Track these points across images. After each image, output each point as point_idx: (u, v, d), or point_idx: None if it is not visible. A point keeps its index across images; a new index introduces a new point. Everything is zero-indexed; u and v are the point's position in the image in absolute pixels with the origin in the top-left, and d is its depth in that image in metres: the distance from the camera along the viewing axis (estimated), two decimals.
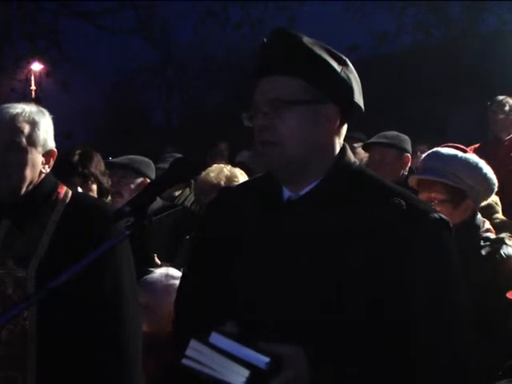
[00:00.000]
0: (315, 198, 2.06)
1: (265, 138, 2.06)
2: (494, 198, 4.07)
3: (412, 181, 3.47)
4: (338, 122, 2.09)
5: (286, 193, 2.11)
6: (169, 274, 3.57)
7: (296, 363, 1.86)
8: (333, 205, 2.02)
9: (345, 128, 2.14)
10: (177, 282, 3.46)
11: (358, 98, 2.11)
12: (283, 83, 2.05)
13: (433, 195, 3.26)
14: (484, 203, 3.67)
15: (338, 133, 2.11)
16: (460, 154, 3.35)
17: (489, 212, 4.24)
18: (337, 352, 1.91)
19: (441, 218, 2.01)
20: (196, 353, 1.84)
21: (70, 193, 2.80)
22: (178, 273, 3.59)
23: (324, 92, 2.05)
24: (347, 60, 2.11)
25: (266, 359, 1.79)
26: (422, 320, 1.93)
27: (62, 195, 2.77)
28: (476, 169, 3.30)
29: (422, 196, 3.27)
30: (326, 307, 1.93)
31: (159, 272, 3.62)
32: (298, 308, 1.96)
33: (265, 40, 2.11)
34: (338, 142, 2.12)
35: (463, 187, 3.25)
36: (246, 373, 1.77)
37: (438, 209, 3.20)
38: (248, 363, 1.79)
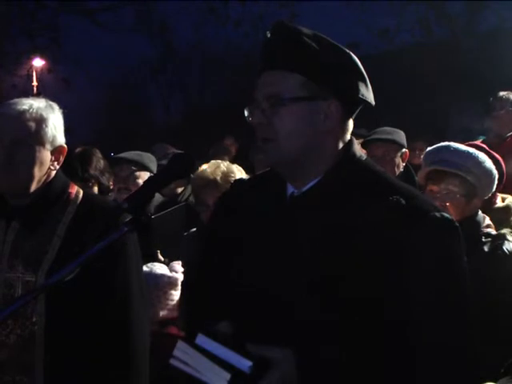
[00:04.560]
0: (317, 195, 2.04)
1: (262, 135, 2.05)
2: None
3: (424, 171, 3.45)
4: (341, 118, 2.05)
5: (290, 188, 2.10)
6: (152, 272, 3.56)
7: (283, 366, 1.85)
8: (334, 201, 2.00)
9: (350, 123, 2.10)
10: (159, 280, 3.46)
11: (364, 92, 2.07)
12: (281, 79, 2.02)
13: (450, 187, 3.26)
14: (502, 204, 3.70)
15: (341, 128, 2.07)
16: (471, 150, 3.37)
17: (508, 214, 4.09)
18: (332, 353, 1.89)
19: (443, 217, 1.96)
20: (182, 354, 1.87)
21: (82, 193, 2.75)
22: (161, 270, 3.58)
23: (324, 87, 2.01)
24: (351, 54, 2.07)
25: (249, 363, 1.80)
26: (421, 320, 1.89)
27: (73, 195, 2.72)
28: (485, 167, 3.32)
29: (435, 187, 3.29)
30: (325, 304, 1.92)
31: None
32: (298, 305, 1.95)
33: (267, 34, 2.08)
34: (343, 137, 2.08)
35: (476, 184, 3.27)
36: (227, 376, 1.79)
37: (451, 201, 3.21)
38: (231, 366, 1.81)
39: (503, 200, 4.16)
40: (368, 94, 2.08)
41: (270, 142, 2.04)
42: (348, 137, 2.10)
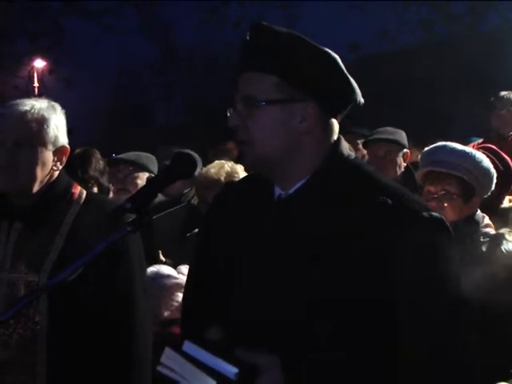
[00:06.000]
0: (304, 196, 2.01)
1: (239, 137, 2.04)
2: None
3: (421, 172, 3.46)
4: (320, 118, 2.01)
5: (277, 191, 2.07)
6: (159, 273, 3.57)
7: (271, 373, 1.83)
8: (321, 203, 1.97)
9: (333, 122, 2.05)
10: (166, 281, 3.47)
11: (345, 91, 2.03)
12: (256, 81, 1.99)
13: (446, 188, 3.26)
14: (508, 205, 3.71)
15: (322, 129, 2.02)
16: (468, 149, 3.37)
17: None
18: (321, 360, 1.87)
19: (432, 216, 1.92)
20: (169, 360, 1.86)
21: (85, 193, 2.75)
22: (168, 271, 3.59)
23: (299, 88, 1.97)
24: (330, 53, 2.01)
25: (235, 370, 1.79)
26: (411, 321, 1.86)
27: (76, 196, 2.71)
28: (483, 166, 3.33)
29: (433, 188, 3.29)
30: (311, 308, 1.89)
31: (149, 270, 3.63)
32: (284, 309, 1.93)
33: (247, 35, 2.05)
34: (326, 137, 2.04)
35: (474, 184, 3.27)
36: (213, 383, 1.79)
37: (448, 202, 3.22)
38: (217, 373, 1.80)
39: (510, 201, 4.16)
40: (351, 93, 2.04)
41: (246, 145, 2.02)
42: (334, 137, 2.06)
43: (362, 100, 2.07)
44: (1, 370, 2.58)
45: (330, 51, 2.02)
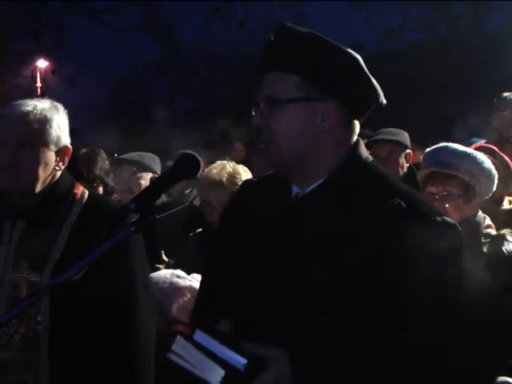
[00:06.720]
0: (321, 195, 2.03)
1: (262, 137, 2.06)
2: None
3: (423, 173, 3.46)
4: (341, 118, 2.03)
5: (295, 189, 2.10)
6: (174, 273, 3.58)
7: (279, 366, 1.85)
8: (337, 203, 1.99)
9: (355, 123, 2.08)
10: (181, 282, 3.48)
11: (368, 91, 2.05)
12: (278, 80, 2.03)
13: (448, 189, 3.27)
14: (509, 207, 3.72)
15: (342, 129, 2.05)
16: (469, 150, 3.37)
17: None
18: (329, 355, 1.88)
19: (445, 221, 1.95)
20: (181, 349, 1.90)
21: (87, 193, 2.76)
22: (183, 273, 3.60)
23: (320, 88, 2.00)
24: (352, 53, 2.05)
25: (244, 361, 1.83)
26: (418, 322, 1.86)
27: (78, 196, 2.73)
28: (484, 167, 3.33)
29: (434, 189, 3.29)
30: (316, 307, 1.91)
31: (165, 271, 3.64)
32: (290, 307, 1.95)
33: (270, 36, 2.07)
34: (346, 138, 2.06)
35: (475, 185, 3.28)
36: (222, 372, 1.82)
37: (450, 203, 3.23)
38: (226, 363, 1.83)
39: (510, 202, 4.16)
40: (373, 93, 2.06)
41: (268, 145, 2.04)
42: (354, 138, 2.09)
43: (385, 101, 2.09)
44: (3, 369, 2.59)
45: (351, 52, 2.04)
